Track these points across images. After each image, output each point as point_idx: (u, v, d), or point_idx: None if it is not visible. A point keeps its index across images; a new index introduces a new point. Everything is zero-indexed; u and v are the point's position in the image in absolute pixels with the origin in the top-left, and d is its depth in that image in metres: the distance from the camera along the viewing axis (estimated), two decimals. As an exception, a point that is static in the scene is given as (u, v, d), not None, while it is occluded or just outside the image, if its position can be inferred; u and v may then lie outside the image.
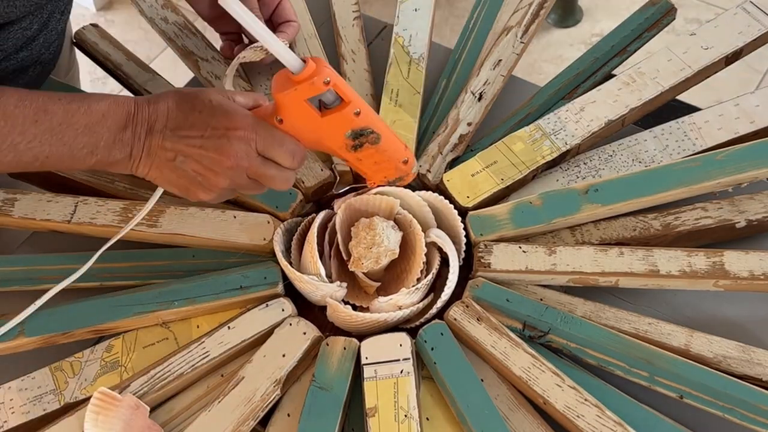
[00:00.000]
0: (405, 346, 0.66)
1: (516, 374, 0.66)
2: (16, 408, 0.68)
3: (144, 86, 0.85)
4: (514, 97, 0.86)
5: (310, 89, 0.60)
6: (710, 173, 0.72)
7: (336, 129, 0.63)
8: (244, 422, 0.64)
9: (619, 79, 0.81)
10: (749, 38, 0.80)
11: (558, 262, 0.71)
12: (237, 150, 0.62)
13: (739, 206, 0.75)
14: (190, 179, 0.64)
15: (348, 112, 0.62)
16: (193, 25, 0.89)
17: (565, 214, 0.72)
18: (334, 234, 0.73)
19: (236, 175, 0.64)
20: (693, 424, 0.66)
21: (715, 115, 0.79)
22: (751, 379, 0.66)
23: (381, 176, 0.69)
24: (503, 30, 0.87)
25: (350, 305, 0.71)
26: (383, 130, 0.65)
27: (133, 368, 0.70)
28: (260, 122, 0.63)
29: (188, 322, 0.72)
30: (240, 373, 0.66)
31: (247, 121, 0.63)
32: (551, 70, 1.91)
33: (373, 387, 0.65)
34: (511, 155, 0.77)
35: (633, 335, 0.68)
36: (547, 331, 0.68)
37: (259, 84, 0.86)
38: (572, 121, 0.79)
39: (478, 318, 0.68)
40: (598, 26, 2.04)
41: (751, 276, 0.69)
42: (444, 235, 0.72)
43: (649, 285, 0.71)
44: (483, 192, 0.76)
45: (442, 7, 2.09)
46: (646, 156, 0.78)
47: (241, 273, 0.72)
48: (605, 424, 0.62)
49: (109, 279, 0.74)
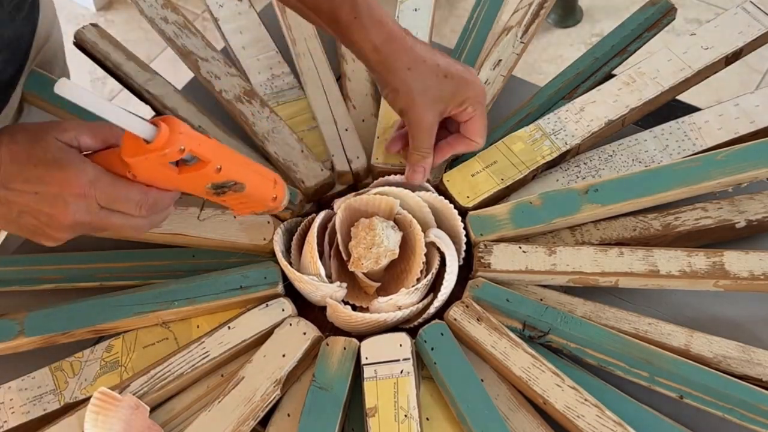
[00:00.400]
0: (405, 346, 0.66)
1: (516, 374, 0.66)
2: (16, 408, 0.68)
3: (144, 86, 0.85)
4: (514, 97, 0.86)
5: (162, 158, 0.55)
6: (710, 173, 0.72)
7: (196, 183, 0.59)
8: (244, 422, 0.64)
9: (619, 79, 0.81)
10: (749, 38, 0.80)
11: (558, 262, 0.71)
12: (74, 209, 0.57)
13: (739, 206, 0.75)
14: (29, 232, 0.60)
15: (208, 171, 0.58)
16: (193, 25, 0.89)
17: (565, 214, 0.72)
18: (334, 234, 0.73)
19: (79, 228, 0.59)
20: (693, 424, 0.66)
21: (715, 115, 0.79)
22: (751, 379, 0.66)
23: (247, 211, 0.66)
24: (503, 30, 0.87)
25: (350, 305, 0.71)
26: (247, 178, 0.61)
27: (133, 368, 0.70)
28: (100, 175, 0.58)
29: (188, 322, 0.72)
30: (240, 373, 0.66)
31: (85, 178, 0.57)
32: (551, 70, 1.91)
33: (373, 387, 0.65)
34: (511, 155, 0.77)
35: (633, 335, 0.68)
36: (547, 331, 0.68)
37: (259, 84, 0.86)
38: (572, 121, 0.79)
39: (478, 318, 0.68)
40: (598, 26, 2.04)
41: (751, 276, 0.69)
42: (444, 235, 0.72)
43: (649, 285, 0.71)
44: (483, 192, 0.76)
45: (442, 7, 2.09)
46: (646, 156, 0.78)
47: (241, 273, 0.72)
48: (605, 424, 0.62)
49: (109, 279, 0.74)
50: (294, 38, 0.88)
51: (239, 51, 0.88)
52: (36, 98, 0.82)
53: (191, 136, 0.56)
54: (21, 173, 0.57)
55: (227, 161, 0.59)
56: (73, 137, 0.59)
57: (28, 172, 0.57)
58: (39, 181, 0.57)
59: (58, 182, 0.57)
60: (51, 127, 0.59)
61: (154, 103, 0.84)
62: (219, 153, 0.58)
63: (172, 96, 0.85)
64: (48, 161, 0.57)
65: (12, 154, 0.58)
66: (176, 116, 0.82)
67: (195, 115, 0.83)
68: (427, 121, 0.72)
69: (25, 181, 0.57)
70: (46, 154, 0.57)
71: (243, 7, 0.92)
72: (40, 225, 0.59)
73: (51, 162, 0.57)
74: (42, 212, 0.58)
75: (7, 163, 0.58)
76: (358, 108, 0.84)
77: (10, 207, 0.58)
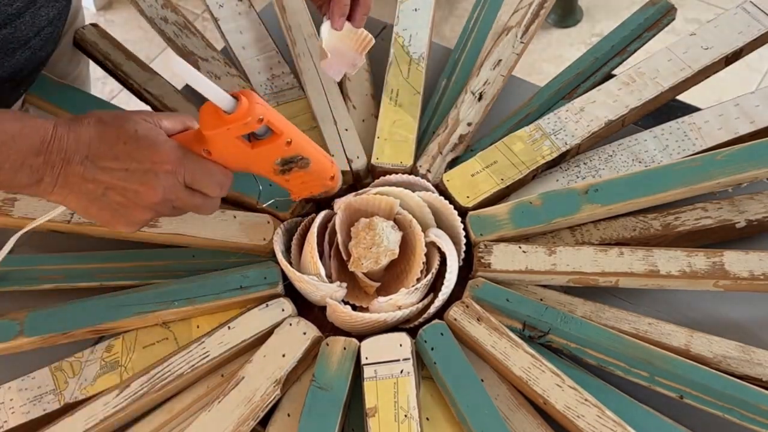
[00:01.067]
0: (405, 346, 0.66)
1: (516, 374, 0.66)
2: (16, 408, 0.68)
3: (144, 86, 0.85)
4: (514, 97, 0.86)
5: (242, 128, 0.58)
6: (710, 173, 0.72)
7: (266, 158, 0.62)
8: (244, 422, 0.64)
9: (619, 79, 0.81)
10: (749, 38, 0.80)
11: (558, 262, 0.71)
12: (164, 184, 0.60)
13: (739, 206, 0.75)
14: (112, 211, 0.61)
15: (280, 143, 0.61)
16: (193, 25, 0.89)
17: (565, 214, 0.72)
18: (334, 234, 0.73)
19: (162, 207, 0.61)
20: (693, 424, 0.66)
21: (715, 115, 0.79)
22: (751, 379, 0.66)
23: (306, 192, 0.69)
24: (503, 30, 0.87)
25: (350, 305, 0.71)
26: (312, 154, 0.64)
27: (133, 368, 0.70)
28: (187, 154, 0.61)
29: (188, 322, 0.72)
30: (240, 373, 0.66)
31: (174, 154, 0.60)
32: (551, 70, 1.91)
33: (373, 387, 0.65)
34: (511, 155, 0.77)
35: (633, 335, 0.68)
36: (547, 331, 0.68)
37: (259, 84, 0.86)
38: (572, 121, 0.79)
39: (478, 318, 0.68)
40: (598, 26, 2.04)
41: (751, 276, 0.69)
42: (443, 234, 0.72)
43: (649, 285, 0.71)
44: (483, 192, 0.76)
45: (442, 7, 2.09)
46: (646, 156, 0.78)
47: (241, 273, 0.72)
48: (605, 424, 0.62)
49: (109, 279, 0.74)
50: (294, 38, 0.88)
51: (239, 51, 0.88)
52: (39, 100, 0.83)
53: (267, 107, 0.58)
54: (111, 150, 0.59)
55: (295, 135, 0.62)
56: (156, 121, 0.61)
57: (118, 149, 0.59)
58: (129, 157, 0.59)
59: (149, 158, 0.59)
60: (134, 112, 0.62)
61: (154, 103, 0.84)
62: (289, 126, 0.61)
63: (172, 96, 0.85)
64: (138, 138, 0.59)
65: (100, 133, 0.59)
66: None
67: (195, 115, 0.82)
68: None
69: (114, 158, 0.59)
70: (136, 131, 0.59)
71: (243, 7, 0.92)
72: (126, 202, 0.60)
73: (141, 138, 0.59)
74: (130, 189, 0.60)
75: (96, 142, 0.59)
76: (358, 108, 0.84)
77: (97, 184, 0.60)
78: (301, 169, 0.64)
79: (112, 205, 0.61)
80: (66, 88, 0.84)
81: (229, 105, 0.57)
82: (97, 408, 0.66)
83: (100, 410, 0.66)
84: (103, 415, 0.66)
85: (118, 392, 0.66)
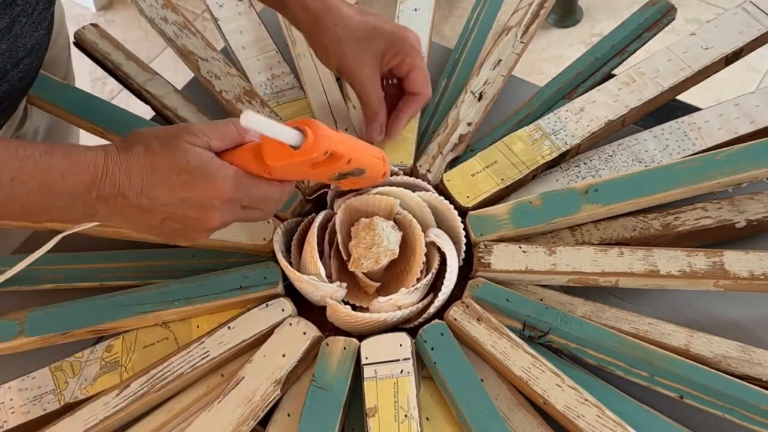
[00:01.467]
0: (405, 346, 0.66)
1: (516, 374, 0.66)
2: (16, 408, 0.68)
3: (144, 86, 0.85)
4: (514, 97, 0.86)
5: (310, 162, 0.58)
6: (710, 173, 0.72)
7: (325, 174, 0.63)
8: (244, 422, 0.64)
9: (619, 79, 0.81)
10: (749, 38, 0.80)
11: (558, 262, 0.71)
12: (221, 212, 0.60)
13: (739, 206, 0.75)
14: (170, 234, 0.62)
15: (340, 164, 0.61)
16: (193, 25, 0.89)
17: (565, 214, 0.72)
18: (334, 234, 0.73)
19: (220, 228, 0.62)
20: (693, 424, 0.66)
21: (715, 115, 0.79)
22: (751, 379, 0.66)
23: (356, 186, 0.72)
24: (503, 30, 0.87)
25: (350, 305, 0.71)
26: (368, 164, 0.65)
27: (133, 368, 0.70)
28: (241, 178, 0.60)
29: (188, 322, 0.72)
30: (240, 373, 0.66)
31: (231, 183, 0.59)
32: (551, 70, 1.91)
33: (373, 387, 0.65)
34: (511, 155, 0.77)
35: (633, 335, 0.68)
36: (547, 331, 0.68)
37: (259, 84, 0.86)
38: (572, 121, 0.79)
39: (478, 318, 0.68)
40: (598, 26, 2.04)
41: (751, 276, 0.69)
42: (443, 234, 0.72)
43: (649, 285, 0.71)
44: (483, 192, 0.76)
45: (442, 7, 2.09)
46: (646, 156, 0.78)
47: (241, 273, 0.72)
48: (605, 424, 0.62)
49: (109, 279, 0.74)
50: (294, 38, 0.88)
51: (239, 51, 0.88)
52: (40, 100, 0.83)
53: (331, 137, 0.58)
54: (165, 183, 0.58)
55: (355, 152, 0.62)
56: (206, 142, 0.60)
57: (172, 180, 0.58)
58: (184, 188, 0.58)
59: (206, 189, 0.59)
60: (182, 132, 0.60)
61: (154, 103, 0.84)
62: (350, 146, 0.61)
63: (172, 96, 0.85)
64: (192, 169, 0.58)
65: (152, 165, 0.59)
66: (176, 116, 0.83)
67: (195, 115, 0.83)
68: (364, 73, 0.73)
69: (170, 190, 0.59)
70: (188, 162, 0.58)
71: (243, 7, 0.92)
72: (185, 228, 0.61)
73: (194, 170, 0.58)
74: (188, 217, 0.60)
75: (149, 174, 0.58)
76: (358, 108, 0.84)
77: (154, 215, 0.60)
78: (357, 176, 0.65)
79: (169, 230, 0.62)
80: (66, 88, 0.84)
81: (296, 141, 0.57)
82: (97, 408, 0.66)
83: (100, 410, 0.66)
84: (103, 415, 0.66)
85: (118, 392, 0.66)
